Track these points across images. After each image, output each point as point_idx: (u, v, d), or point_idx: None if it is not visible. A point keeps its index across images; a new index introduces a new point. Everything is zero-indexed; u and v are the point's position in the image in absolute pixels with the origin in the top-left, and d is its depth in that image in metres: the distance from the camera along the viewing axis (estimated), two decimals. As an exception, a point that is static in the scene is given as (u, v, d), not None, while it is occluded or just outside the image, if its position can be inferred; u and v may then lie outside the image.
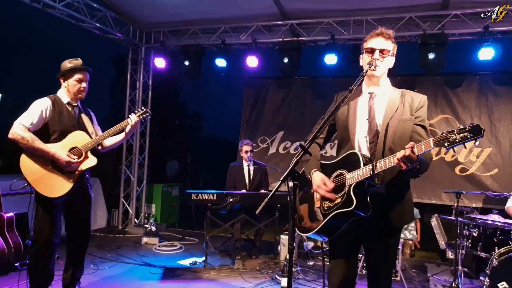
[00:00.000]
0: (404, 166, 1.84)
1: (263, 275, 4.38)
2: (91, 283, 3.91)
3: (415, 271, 4.78)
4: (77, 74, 3.05)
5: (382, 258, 2.19)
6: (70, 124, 3.03)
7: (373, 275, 2.24)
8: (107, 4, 6.23)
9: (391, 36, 2.18)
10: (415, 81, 6.20)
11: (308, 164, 2.25)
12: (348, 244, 2.20)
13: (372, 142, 2.12)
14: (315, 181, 2.14)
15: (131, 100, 7.18)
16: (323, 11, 5.85)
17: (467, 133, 1.68)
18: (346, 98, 2.05)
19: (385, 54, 2.15)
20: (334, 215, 2.03)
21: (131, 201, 7.07)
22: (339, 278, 2.20)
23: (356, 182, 1.98)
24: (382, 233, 2.13)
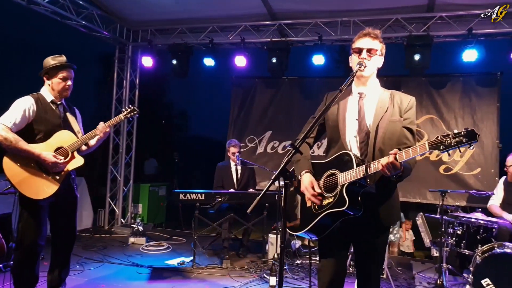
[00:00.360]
0: (388, 172, 1.90)
1: (251, 274, 4.39)
2: (77, 284, 3.85)
3: (401, 269, 4.85)
4: (61, 72, 2.96)
5: (371, 256, 2.22)
6: (55, 124, 2.95)
7: (362, 274, 2.27)
8: (93, 2, 6.15)
9: (378, 36, 2.21)
10: (401, 82, 6.29)
11: (299, 164, 2.26)
12: (338, 243, 2.22)
13: (362, 142, 2.14)
14: (303, 182, 2.16)
15: (118, 99, 7.09)
16: (311, 11, 5.89)
17: (462, 137, 1.73)
18: (336, 98, 2.07)
19: (373, 53, 2.18)
20: (325, 215, 2.05)
21: (117, 201, 6.99)
22: (329, 277, 2.22)
23: (349, 182, 2.00)
24: (371, 232, 2.16)
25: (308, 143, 2.40)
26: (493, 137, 5.82)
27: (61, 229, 3.11)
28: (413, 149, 1.86)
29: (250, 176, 5.49)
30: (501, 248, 3.48)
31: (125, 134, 7.10)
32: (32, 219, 2.84)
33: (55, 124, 2.95)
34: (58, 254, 3.13)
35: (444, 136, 1.78)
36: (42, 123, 2.90)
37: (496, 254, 3.44)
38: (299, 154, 2.12)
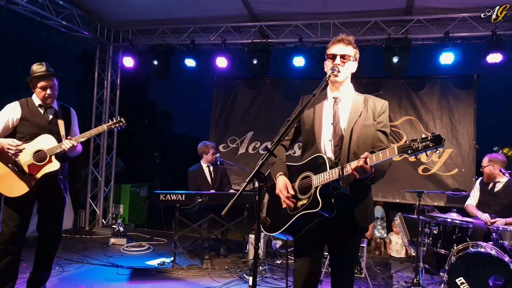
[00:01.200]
0: (357, 175, 1.95)
1: (231, 275, 4.41)
2: (56, 285, 3.82)
3: (380, 268, 4.94)
4: (41, 81, 3.05)
5: (345, 257, 2.28)
6: (40, 127, 3.06)
7: (336, 274, 2.33)
8: (73, 2, 6.06)
9: (351, 42, 2.26)
10: (380, 84, 6.40)
11: (274, 167, 2.30)
12: (313, 243, 2.27)
13: (337, 146, 2.20)
14: (278, 185, 2.21)
15: (99, 99, 7.02)
16: (291, 13, 5.95)
17: (429, 142, 1.80)
18: (309, 102, 2.12)
19: (346, 59, 2.23)
20: (300, 216, 2.10)
21: (98, 201, 6.91)
22: (304, 277, 2.28)
23: (322, 185, 2.05)
24: (345, 233, 2.22)
25: (284, 145, 2.45)
26: (470, 138, 5.97)
27: (45, 231, 3.19)
28: (383, 152, 1.92)
29: (223, 174, 5.53)
30: (475, 248, 3.57)
31: (106, 135, 7.02)
32: (11, 214, 2.97)
33: (40, 127, 3.06)
34: (41, 255, 3.21)
35: (412, 140, 1.85)
36: (27, 126, 3.04)
37: (470, 254, 3.52)
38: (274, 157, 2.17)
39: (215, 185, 5.37)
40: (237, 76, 7.30)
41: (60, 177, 3.12)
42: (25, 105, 3.09)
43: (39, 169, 2.98)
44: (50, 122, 3.12)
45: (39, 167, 2.98)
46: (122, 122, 3.26)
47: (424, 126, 6.15)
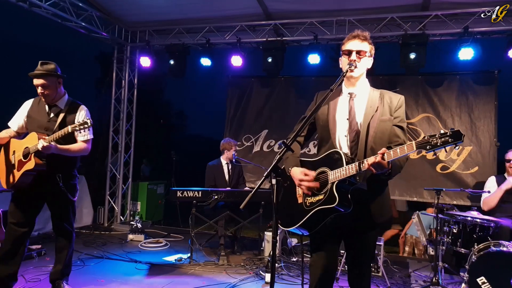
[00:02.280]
0: (374, 171, 1.95)
1: (247, 271, 4.45)
2: (77, 279, 3.91)
3: (397, 267, 4.89)
4: (34, 80, 3.12)
5: (361, 252, 2.28)
6: (39, 125, 3.15)
7: (353, 270, 2.33)
8: (92, 4, 6.19)
9: (367, 38, 2.26)
10: (397, 81, 6.33)
11: (287, 162, 2.31)
12: (329, 239, 2.28)
13: (353, 141, 2.19)
14: (295, 175, 2.20)
15: (117, 99, 7.16)
16: (306, 11, 5.93)
17: (448, 137, 1.79)
18: (327, 97, 2.13)
19: (362, 55, 2.23)
20: (316, 211, 2.11)
21: (116, 198, 7.05)
22: (320, 271, 2.28)
23: (339, 180, 2.06)
24: (361, 228, 2.22)
25: (298, 142, 2.46)
26: (490, 136, 5.84)
27: (53, 226, 3.31)
28: (401, 148, 1.91)
29: (240, 173, 5.56)
30: (497, 247, 3.48)
31: (124, 133, 7.16)
32: (11, 205, 3.17)
33: (39, 124, 3.15)
34: (55, 249, 3.34)
35: (430, 136, 1.84)
36: (30, 123, 3.20)
37: (492, 252, 3.44)
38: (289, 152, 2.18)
39: (232, 182, 5.41)
40: (252, 74, 7.33)
41: (59, 175, 3.13)
42: (36, 103, 3.21)
43: (23, 165, 3.06)
44: (50, 120, 3.16)
45: (23, 164, 3.06)
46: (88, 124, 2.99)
47: (442, 123, 6.05)
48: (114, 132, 7.12)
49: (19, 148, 3.13)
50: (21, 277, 3.61)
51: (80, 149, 3.23)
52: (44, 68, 3.12)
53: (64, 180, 3.17)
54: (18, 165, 3.09)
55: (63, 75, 3.23)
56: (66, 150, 3.13)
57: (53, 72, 3.14)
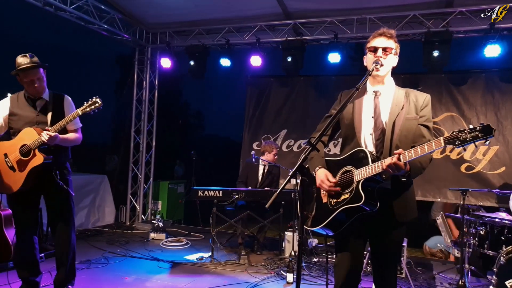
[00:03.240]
0: (391, 172, 1.93)
1: (268, 271, 4.45)
2: (102, 276, 4.02)
3: (420, 269, 4.79)
4: (27, 75, 2.96)
5: (387, 253, 2.25)
6: (28, 120, 2.99)
7: (378, 269, 2.30)
8: (114, 6, 6.32)
9: (393, 36, 2.23)
10: (419, 79, 6.21)
11: (312, 161, 2.30)
12: (354, 238, 2.26)
13: (378, 139, 2.17)
14: (319, 177, 2.20)
15: (138, 100, 7.28)
16: (326, 10, 5.89)
17: (478, 132, 1.74)
18: (353, 96, 2.11)
19: (388, 52, 2.20)
20: (341, 210, 2.09)
21: (138, 197, 7.17)
22: (345, 271, 2.26)
23: (365, 179, 2.04)
24: (386, 227, 2.19)
25: (322, 142, 2.45)
26: (518, 135, 5.68)
27: (51, 225, 3.18)
28: (428, 144, 1.87)
29: (275, 177, 5.52)
30: (527, 249, 3.41)
31: (145, 133, 7.27)
32: (14, 211, 3.12)
33: (28, 120, 2.99)
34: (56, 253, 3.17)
35: (459, 131, 1.80)
36: (16, 121, 3.01)
37: (522, 254, 3.36)
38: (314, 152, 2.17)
39: (263, 184, 5.41)
40: (271, 74, 7.32)
41: (56, 171, 3.01)
42: (15, 100, 3.03)
43: (27, 164, 2.90)
44: (38, 114, 3.02)
45: (26, 162, 2.90)
46: (98, 103, 2.88)
47: (467, 122, 5.90)
48: (135, 132, 7.25)
49: (12, 149, 2.95)
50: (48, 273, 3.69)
51: (75, 139, 3.13)
52: (34, 61, 2.96)
53: (61, 175, 3.06)
54: (18, 166, 2.92)
55: (47, 65, 3.09)
56: (66, 139, 3.02)
57: (41, 63, 3.01)
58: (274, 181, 5.53)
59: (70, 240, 3.12)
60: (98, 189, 6.53)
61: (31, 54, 3.00)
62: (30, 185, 2.96)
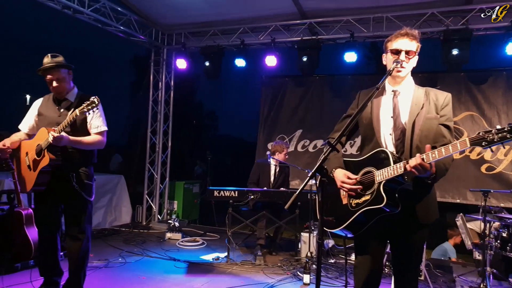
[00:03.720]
0: (417, 173, 1.88)
1: (284, 272, 4.43)
2: (120, 275, 4.07)
3: (440, 271, 4.70)
4: (46, 75, 2.99)
5: (408, 255, 2.20)
6: (50, 121, 3.00)
7: (399, 272, 2.25)
8: (131, 8, 6.39)
9: (416, 37, 2.18)
10: (437, 78, 6.11)
11: (329, 162, 2.26)
12: (374, 240, 2.22)
13: (398, 139, 2.13)
14: (338, 177, 2.17)
15: (154, 100, 7.35)
16: (342, 9, 5.84)
17: (506, 133, 1.69)
18: (372, 96, 2.07)
19: (411, 55, 2.16)
20: (362, 212, 2.06)
21: (154, 197, 7.23)
22: (365, 273, 2.23)
23: (386, 180, 2.00)
24: (408, 229, 2.15)
25: (340, 142, 2.41)
26: (541, 134, 5.50)
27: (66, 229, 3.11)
28: (453, 145, 1.83)
29: (286, 177, 5.52)
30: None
31: (161, 134, 7.34)
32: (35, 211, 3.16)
33: (50, 121, 3.00)
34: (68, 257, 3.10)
35: (486, 132, 1.75)
36: (42, 121, 3.06)
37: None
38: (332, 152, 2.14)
39: (276, 184, 5.40)
40: (286, 74, 7.30)
41: (72, 174, 2.95)
42: (45, 100, 3.07)
43: (38, 164, 2.91)
44: (60, 115, 3.00)
45: (38, 162, 2.91)
46: (95, 103, 2.78)
47: (487, 121, 5.77)
48: (151, 132, 7.32)
49: (31, 148, 2.98)
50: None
51: (94, 142, 3.02)
52: (55, 61, 2.98)
53: (77, 178, 2.98)
54: (33, 165, 2.94)
55: (72, 66, 3.08)
56: (79, 141, 2.94)
57: (64, 63, 3.01)
58: (285, 181, 5.52)
59: (80, 248, 3.02)
60: (115, 189, 6.61)
61: (55, 54, 3.01)
62: (45, 185, 2.93)
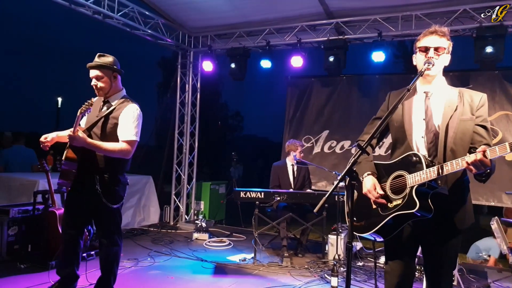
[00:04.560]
0: (474, 170, 1.82)
1: (312, 274, 4.40)
2: (148, 275, 4.16)
3: (474, 277, 4.54)
4: (90, 72, 3.02)
5: (442, 261, 2.14)
6: (89, 120, 3.05)
7: (432, 279, 2.20)
8: (158, 12, 6.53)
9: (446, 34, 2.14)
10: (469, 77, 5.91)
11: (360, 166, 2.24)
12: (405, 245, 2.18)
13: (431, 142, 2.09)
14: (366, 185, 2.15)
15: (181, 102, 7.47)
16: (369, 8, 5.75)
17: None
18: (403, 97, 2.03)
19: (440, 52, 2.11)
20: (393, 217, 2.03)
21: (181, 198, 7.35)
22: (396, 279, 2.19)
23: (419, 184, 1.96)
24: (443, 235, 2.09)
25: (371, 145, 2.38)
26: None
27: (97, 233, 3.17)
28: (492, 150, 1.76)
29: (306, 176, 5.49)
30: None
31: (188, 135, 7.45)
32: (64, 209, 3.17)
33: (89, 120, 3.04)
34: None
35: None
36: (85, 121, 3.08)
37: None
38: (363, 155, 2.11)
39: (297, 184, 5.38)
40: (312, 74, 7.26)
41: (96, 176, 2.91)
42: (97, 100, 3.11)
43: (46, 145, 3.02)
44: (98, 116, 3.01)
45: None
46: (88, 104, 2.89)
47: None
48: (179, 134, 7.44)
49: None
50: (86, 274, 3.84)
51: (116, 149, 2.88)
52: (100, 60, 3.01)
53: (101, 182, 2.90)
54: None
55: (120, 70, 3.07)
56: (97, 146, 2.84)
57: (109, 64, 3.00)
58: (306, 180, 5.48)
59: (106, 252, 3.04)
60: (144, 189, 6.76)
61: (103, 54, 3.04)
62: (70, 182, 2.92)
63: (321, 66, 6.18)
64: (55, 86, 35.14)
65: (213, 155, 15.27)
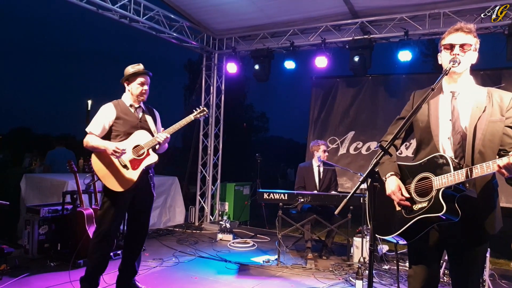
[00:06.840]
0: (507, 173, 1.76)
1: (336, 277, 4.35)
2: (173, 275, 4.23)
3: (506, 282, 4.37)
4: (139, 77, 3.30)
5: (470, 266, 2.07)
6: (133, 125, 3.28)
7: (458, 285, 2.13)
8: (183, 15, 6.65)
9: (472, 30, 2.05)
10: (501, 75, 5.66)
11: (383, 167, 2.19)
12: (430, 249, 2.12)
13: (458, 144, 2.02)
14: (389, 186, 2.10)
15: (206, 104, 7.56)
16: (395, 6, 5.65)
17: None
18: (427, 97, 1.98)
19: (466, 48, 2.03)
20: (418, 220, 1.98)
21: (206, 199, 7.44)
22: (420, 284, 2.13)
23: (446, 187, 1.91)
24: (471, 239, 2.02)
25: (394, 145, 2.33)
26: None
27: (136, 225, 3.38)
28: None
29: (332, 178, 5.43)
30: None
31: (213, 137, 7.54)
32: (110, 209, 3.18)
33: (132, 125, 3.28)
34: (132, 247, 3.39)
35: None
36: (121, 124, 3.26)
37: None
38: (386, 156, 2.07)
39: (322, 186, 5.33)
40: (336, 74, 7.19)
41: (150, 175, 3.34)
42: (117, 106, 3.31)
43: (140, 163, 3.20)
44: (140, 120, 3.33)
45: (139, 161, 3.20)
46: (206, 111, 3.48)
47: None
48: (204, 135, 7.54)
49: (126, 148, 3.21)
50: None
51: (166, 147, 3.43)
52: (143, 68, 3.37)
53: (152, 178, 3.39)
54: (132, 165, 3.19)
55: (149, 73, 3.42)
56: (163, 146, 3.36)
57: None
58: (332, 182, 5.41)
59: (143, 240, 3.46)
60: (169, 190, 6.89)
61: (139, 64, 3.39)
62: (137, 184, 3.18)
63: (346, 66, 6.13)
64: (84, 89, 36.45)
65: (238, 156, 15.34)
